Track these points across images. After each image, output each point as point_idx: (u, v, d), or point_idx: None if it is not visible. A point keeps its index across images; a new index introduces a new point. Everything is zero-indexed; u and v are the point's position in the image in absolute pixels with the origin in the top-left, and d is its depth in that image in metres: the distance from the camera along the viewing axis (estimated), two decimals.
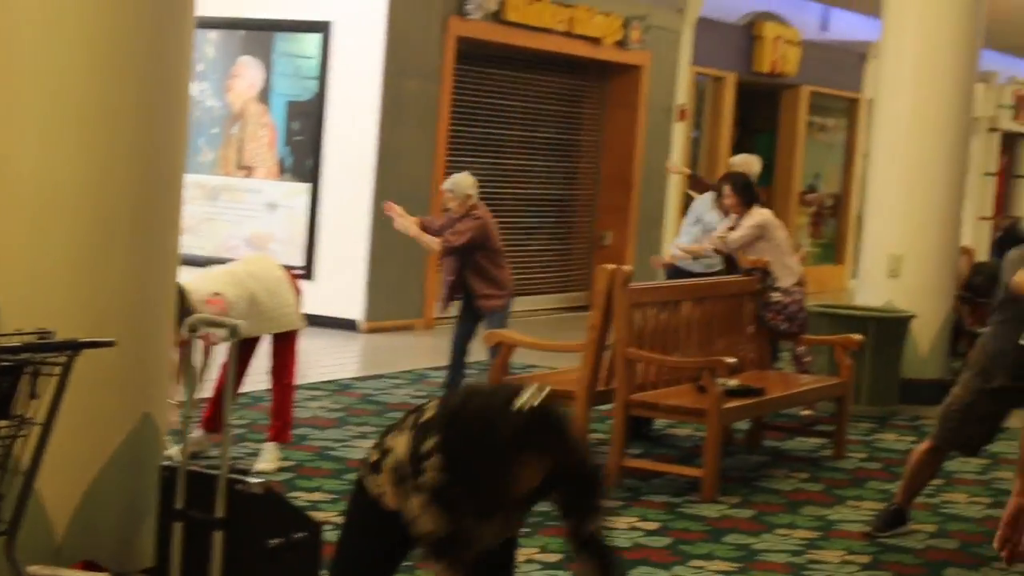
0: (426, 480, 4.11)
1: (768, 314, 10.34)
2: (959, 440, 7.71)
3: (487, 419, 4.02)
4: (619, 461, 8.61)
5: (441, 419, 4.18)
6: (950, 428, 7.70)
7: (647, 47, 17.97)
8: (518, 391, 4.02)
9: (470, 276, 10.50)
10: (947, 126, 12.20)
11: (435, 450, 4.11)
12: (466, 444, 4.04)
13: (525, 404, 3.97)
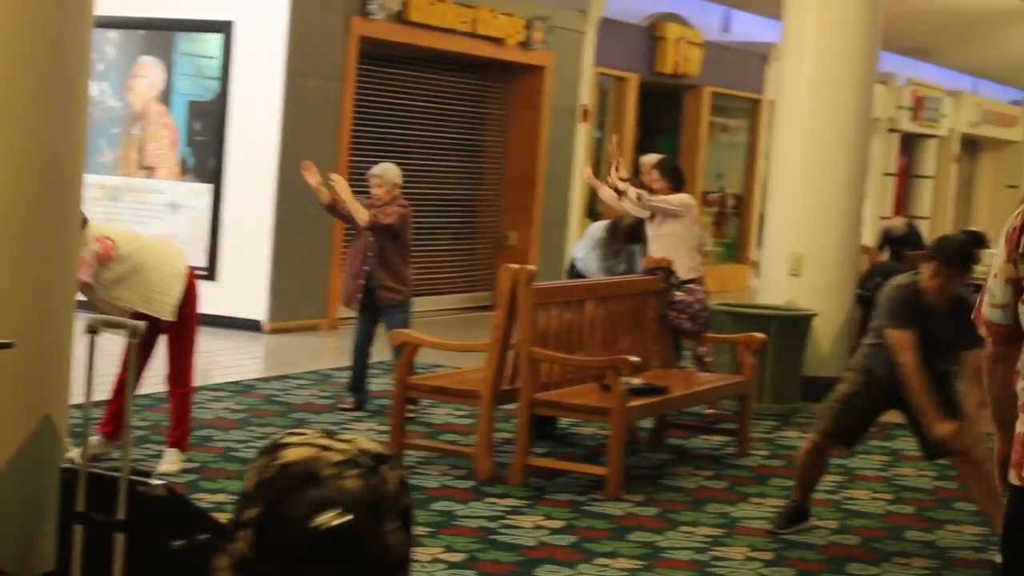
0: (236, 547, 4.12)
1: (671, 313, 10.38)
2: (834, 428, 7.77)
3: (286, 524, 4.05)
4: (524, 460, 8.62)
5: (257, 497, 4.21)
6: (828, 417, 7.79)
7: (550, 48, 18.01)
8: (322, 506, 4.04)
9: (376, 266, 10.49)
10: (847, 127, 12.31)
11: (246, 523, 4.13)
12: (271, 536, 4.06)
13: (322, 524, 4.00)
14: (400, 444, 8.97)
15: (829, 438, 7.86)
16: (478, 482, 8.62)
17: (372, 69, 15.93)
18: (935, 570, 7.43)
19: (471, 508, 8.04)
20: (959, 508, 8.77)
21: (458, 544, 7.28)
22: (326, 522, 3.97)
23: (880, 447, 10.40)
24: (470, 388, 8.91)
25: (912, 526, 8.32)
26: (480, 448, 8.74)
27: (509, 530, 7.63)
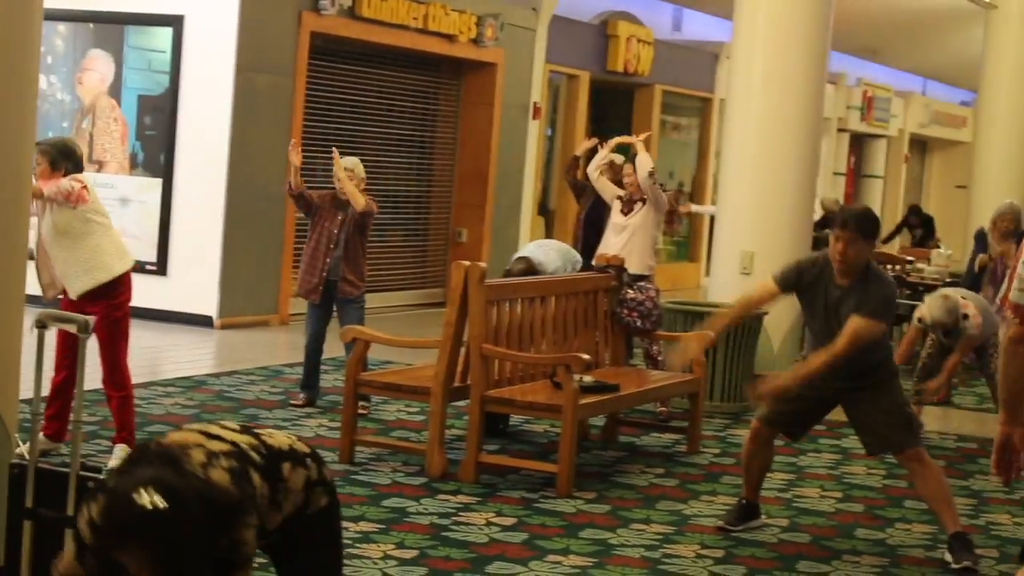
0: (80, 527, 4.18)
1: (623, 311, 10.40)
2: (771, 415, 7.78)
3: (110, 495, 4.13)
4: (475, 457, 8.61)
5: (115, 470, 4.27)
6: (766, 405, 7.80)
7: (502, 45, 18.00)
8: (149, 485, 4.07)
9: (340, 259, 10.47)
10: (797, 126, 12.36)
11: (92, 494, 4.17)
12: (98, 505, 4.12)
13: (138, 500, 4.02)
14: (351, 440, 8.95)
15: (767, 425, 7.86)
16: (429, 479, 8.60)
17: (323, 64, 15.89)
18: (885, 568, 7.46)
19: (422, 505, 8.03)
20: (909, 506, 8.80)
21: (409, 541, 7.26)
22: (142, 501, 3.98)
23: (830, 445, 10.43)
24: (422, 385, 8.89)
25: (862, 524, 8.35)
26: (431, 445, 8.73)
27: (460, 527, 7.62)
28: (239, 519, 4.12)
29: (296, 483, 4.38)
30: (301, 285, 10.64)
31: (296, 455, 4.43)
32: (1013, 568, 7.59)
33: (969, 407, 12.92)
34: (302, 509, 4.40)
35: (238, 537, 4.11)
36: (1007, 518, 8.73)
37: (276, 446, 4.41)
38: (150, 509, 3.96)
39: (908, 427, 7.61)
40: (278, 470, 4.34)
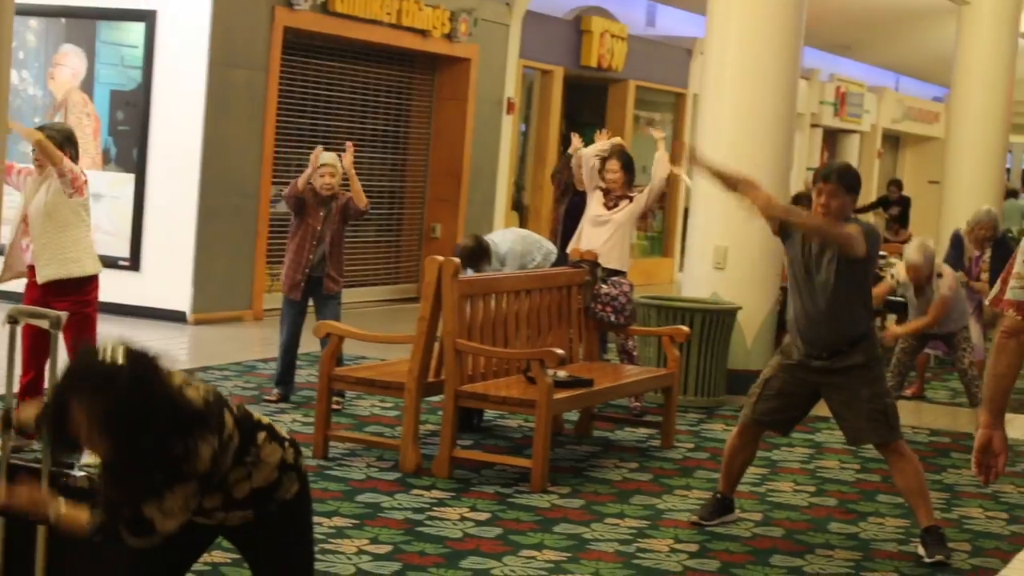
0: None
1: (596, 306, 10.40)
2: (755, 413, 7.80)
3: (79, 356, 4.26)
4: (449, 452, 8.61)
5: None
6: (750, 403, 7.82)
7: (475, 40, 17.99)
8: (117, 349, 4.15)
9: (327, 255, 10.48)
10: (771, 121, 12.36)
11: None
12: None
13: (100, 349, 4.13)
14: (325, 436, 8.94)
15: (754, 424, 7.88)
16: (404, 474, 8.60)
17: (297, 60, 15.86)
18: (858, 562, 7.48)
19: (397, 500, 8.03)
20: (882, 500, 8.83)
21: (383, 536, 7.26)
22: (103, 354, 4.06)
23: (803, 440, 10.46)
24: (396, 380, 8.89)
25: (835, 518, 8.38)
26: (406, 440, 8.73)
27: (435, 522, 7.62)
28: (200, 430, 4.12)
29: (269, 457, 4.37)
30: (285, 281, 10.63)
31: (274, 432, 4.44)
32: (986, 562, 7.63)
33: (942, 401, 12.96)
34: (272, 491, 4.37)
35: (194, 447, 4.10)
36: (979, 512, 8.76)
37: (257, 417, 4.43)
38: (108, 363, 4.00)
39: (886, 419, 7.63)
40: (253, 434, 4.35)
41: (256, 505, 4.36)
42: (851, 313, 7.54)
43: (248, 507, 4.35)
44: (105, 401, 4.00)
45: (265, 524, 4.41)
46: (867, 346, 7.64)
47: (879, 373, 7.72)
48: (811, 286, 7.51)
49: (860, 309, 7.63)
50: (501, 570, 6.87)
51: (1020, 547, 8.02)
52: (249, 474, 4.31)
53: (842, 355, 7.57)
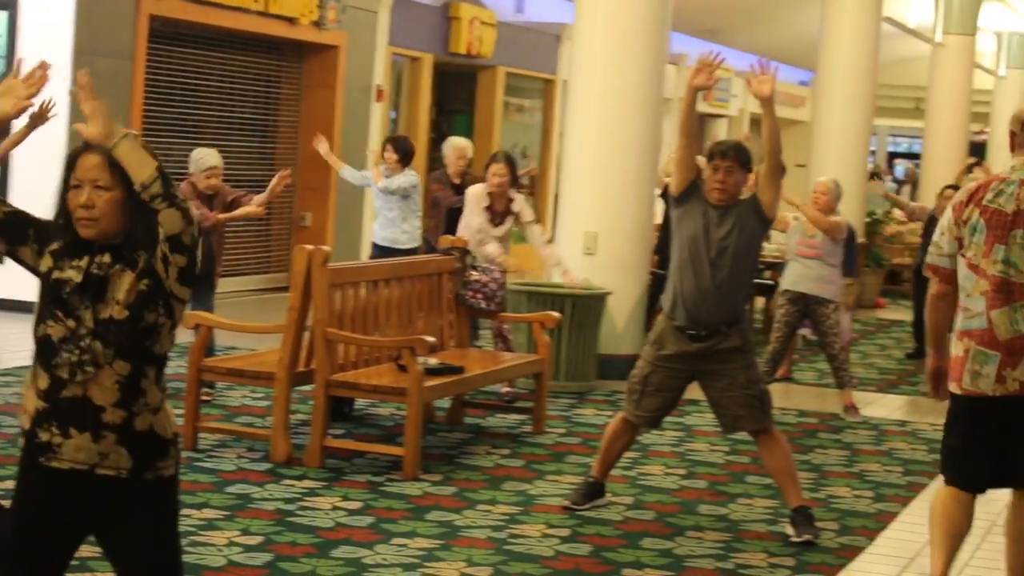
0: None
1: (467, 293, 10.42)
2: (640, 411, 7.86)
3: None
4: (321, 441, 8.59)
5: None
6: (633, 400, 7.87)
7: (344, 27, 17.92)
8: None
9: (214, 249, 10.41)
10: (639, 107, 12.44)
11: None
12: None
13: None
14: (195, 427, 8.88)
15: (636, 421, 7.94)
16: (275, 464, 8.57)
17: (163, 48, 15.71)
18: (728, 543, 7.56)
19: (267, 491, 7.99)
20: (751, 482, 8.93)
21: (254, 527, 7.23)
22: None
23: (674, 423, 10.54)
24: (266, 370, 8.85)
25: (705, 500, 8.46)
26: (276, 430, 8.69)
27: (306, 512, 7.60)
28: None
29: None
30: None
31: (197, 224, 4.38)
32: (853, 540, 7.74)
33: (810, 383, 13.12)
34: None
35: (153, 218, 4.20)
36: (847, 491, 8.89)
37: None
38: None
39: (762, 405, 7.72)
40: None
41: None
42: (740, 289, 7.70)
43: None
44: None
45: (134, 508, 4.28)
46: (742, 329, 7.75)
47: (753, 359, 7.82)
48: (708, 258, 7.56)
49: (748, 286, 7.83)
50: (373, 559, 6.86)
51: (886, 525, 8.15)
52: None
53: (720, 335, 7.64)
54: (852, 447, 10.30)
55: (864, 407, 11.71)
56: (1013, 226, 5.97)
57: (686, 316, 7.65)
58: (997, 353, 5.96)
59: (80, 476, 4.15)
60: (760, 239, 7.79)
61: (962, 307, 6.07)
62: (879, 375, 13.97)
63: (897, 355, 15.49)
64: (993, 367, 5.97)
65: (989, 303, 5.96)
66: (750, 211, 7.63)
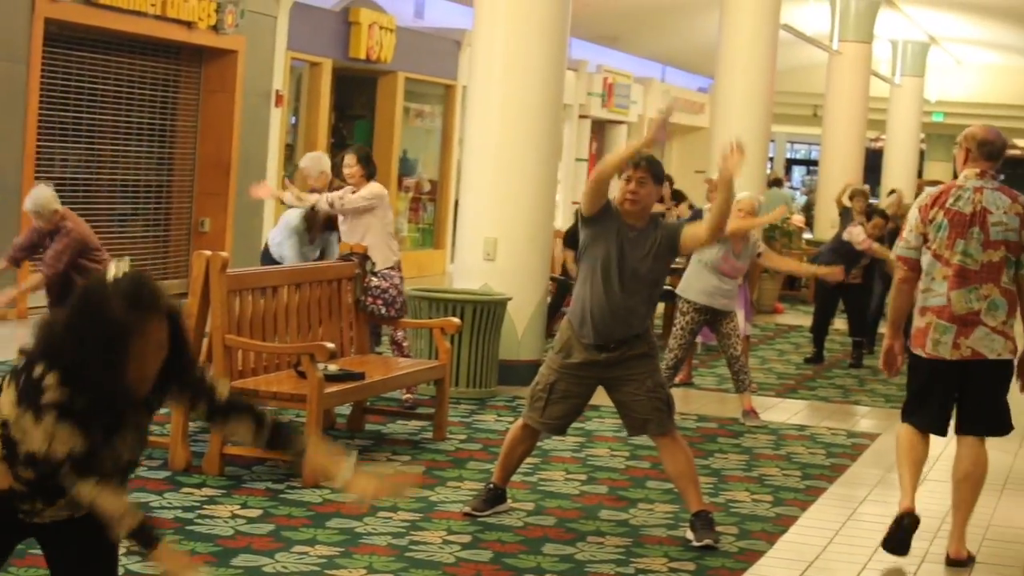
0: (48, 399, 4.01)
1: (367, 299, 10.39)
2: (546, 418, 7.86)
3: (91, 306, 4.03)
4: (220, 449, 8.52)
5: (40, 342, 4.11)
6: (537, 408, 7.87)
7: (242, 32, 17.81)
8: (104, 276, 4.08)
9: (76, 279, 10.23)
10: (539, 113, 12.45)
11: (46, 370, 4.03)
12: (75, 344, 4.00)
13: (119, 273, 4.05)
14: None
15: (541, 428, 7.94)
16: (173, 472, 8.50)
17: (59, 52, 15.54)
18: (628, 548, 7.57)
19: (166, 499, 7.92)
20: (651, 487, 8.95)
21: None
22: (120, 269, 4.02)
23: (575, 428, 10.52)
24: None
25: (606, 505, 8.47)
26: (175, 438, 8.61)
27: (205, 520, 7.53)
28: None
29: None
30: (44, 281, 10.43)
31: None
32: (752, 544, 7.78)
33: (709, 388, 13.19)
34: None
35: None
36: (746, 495, 8.94)
37: None
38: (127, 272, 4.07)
39: (668, 409, 7.76)
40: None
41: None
42: (650, 307, 7.79)
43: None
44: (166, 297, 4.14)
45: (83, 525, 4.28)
46: (648, 336, 7.80)
47: (658, 364, 7.87)
48: (620, 278, 7.57)
49: (656, 303, 7.90)
50: (273, 567, 6.81)
51: (786, 529, 8.19)
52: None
53: (627, 345, 7.67)
54: (752, 452, 10.36)
55: (763, 412, 11.79)
56: (971, 224, 7.34)
57: (594, 334, 7.66)
58: (954, 325, 7.34)
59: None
60: (671, 263, 7.92)
61: (924, 289, 7.44)
62: (778, 380, 14.06)
63: (796, 360, 15.60)
64: (950, 336, 7.35)
65: (950, 285, 7.34)
66: (667, 243, 7.63)
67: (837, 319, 16.53)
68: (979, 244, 7.35)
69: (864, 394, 13.51)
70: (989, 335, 7.35)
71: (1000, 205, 7.38)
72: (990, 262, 7.36)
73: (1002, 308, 7.37)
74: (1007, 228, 7.36)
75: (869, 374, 14.83)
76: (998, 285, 7.36)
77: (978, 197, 7.39)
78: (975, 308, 7.33)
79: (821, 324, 15.54)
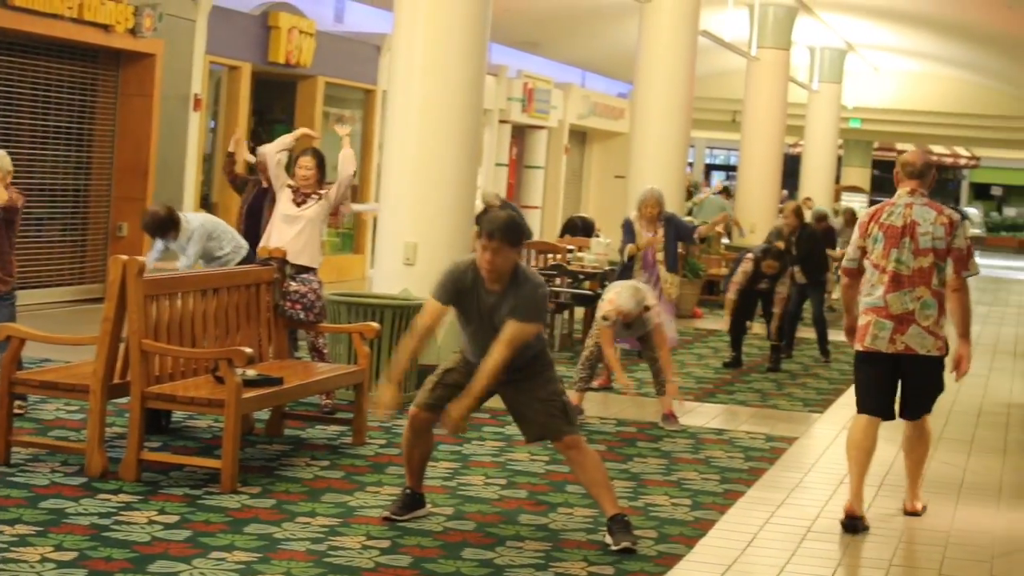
0: None
1: (286, 303, 10.36)
2: (428, 400, 7.91)
3: None
4: (137, 455, 8.46)
5: None
6: (426, 390, 7.94)
7: (160, 35, 17.70)
8: None
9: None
10: (459, 118, 12.45)
11: None
12: None
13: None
14: (7, 441, 8.70)
15: (424, 409, 7.94)
16: (90, 478, 8.43)
17: None
18: (547, 552, 7.58)
19: (82, 505, 7.85)
20: (570, 491, 8.97)
21: (68, 543, 7.10)
22: None
23: (494, 433, 10.56)
24: (80, 383, 8.69)
25: (525, 510, 8.48)
26: (91, 443, 8.54)
27: (122, 526, 7.48)
28: None
29: None
30: None
31: None
32: (671, 548, 7.81)
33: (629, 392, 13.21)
34: None
35: None
36: (665, 499, 8.97)
37: None
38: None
39: (565, 415, 7.78)
40: None
41: None
42: (527, 345, 7.76)
43: None
44: None
45: None
46: (542, 354, 7.92)
47: (553, 373, 7.95)
48: (486, 335, 7.72)
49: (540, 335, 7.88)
50: (191, 573, 6.77)
51: (704, 532, 8.23)
52: None
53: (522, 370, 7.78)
54: (670, 455, 10.40)
55: (682, 416, 11.84)
56: (903, 235, 8.46)
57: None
58: (891, 323, 8.44)
59: None
60: None
61: (866, 293, 8.56)
62: (696, 384, 14.12)
63: (715, 364, 15.68)
64: (887, 332, 8.45)
65: (886, 289, 8.46)
66: (521, 305, 7.68)
67: (755, 323, 16.63)
68: (910, 252, 8.46)
69: (782, 398, 13.60)
70: (921, 334, 8.46)
71: (927, 218, 8.48)
72: (921, 268, 8.46)
73: (933, 308, 8.46)
74: (934, 237, 8.46)
75: (787, 378, 14.93)
76: (929, 287, 8.46)
77: (908, 212, 8.51)
78: (910, 308, 8.44)
79: (739, 328, 15.62)
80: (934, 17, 27.29)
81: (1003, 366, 17.43)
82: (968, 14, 26.13)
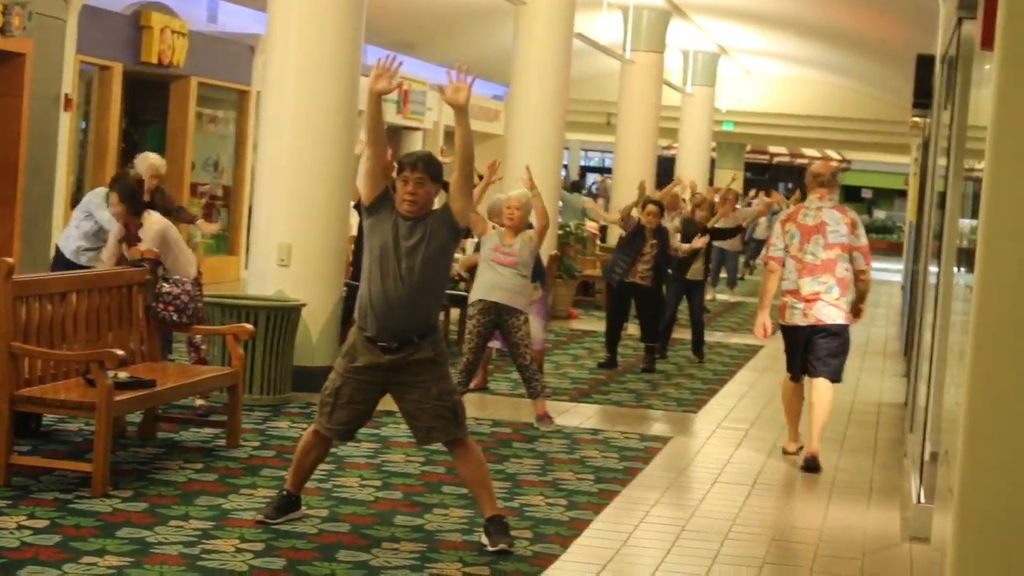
0: None
1: (159, 305, 10.26)
2: (332, 424, 7.84)
3: None
4: (5, 459, 8.34)
5: None
6: (325, 413, 7.85)
7: (30, 34, 17.45)
8: None
9: None
10: (333, 119, 12.40)
11: None
12: None
13: None
14: None
15: (328, 434, 7.91)
16: None
17: None
18: (423, 553, 7.57)
19: None
20: (446, 492, 8.96)
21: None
22: None
23: (369, 435, 10.52)
24: None
25: (401, 511, 8.46)
26: None
27: None
28: None
29: None
30: None
31: None
32: (547, 548, 7.83)
33: (504, 393, 13.24)
34: None
35: None
36: (540, 500, 8.99)
37: None
38: None
39: (455, 416, 7.76)
40: None
41: None
42: (430, 299, 7.72)
43: None
44: None
45: None
46: (435, 340, 7.78)
47: (447, 370, 7.85)
48: (397, 268, 7.57)
49: (439, 297, 7.83)
50: None
51: (580, 532, 8.26)
52: None
53: (412, 346, 7.67)
54: (546, 456, 10.42)
55: (557, 416, 11.87)
56: (815, 233, 10.61)
57: (376, 326, 7.67)
58: (802, 303, 10.58)
59: None
60: (451, 249, 7.81)
61: (785, 279, 10.62)
62: (572, 385, 14.16)
63: (590, 365, 15.73)
64: (800, 309, 10.59)
65: (799, 275, 10.59)
66: (441, 221, 7.67)
67: (630, 324, 16.72)
68: (820, 246, 10.60)
69: (657, 398, 13.68)
70: (827, 307, 10.57)
71: (835, 219, 10.65)
72: (828, 259, 10.59)
73: (836, 290, 10.59)
74: (840, 234, 10.63)
75: (662, 378, 15.02)
76: (834, 275, 10.58)
77: (819, 213, 10.66)
78: (817, 290, 10.57)
79: (614, 329, 15.69)
80: (803, 21, 27.57)
81: (873, 366, 17.66)
82: (836, 18, 26.42)
